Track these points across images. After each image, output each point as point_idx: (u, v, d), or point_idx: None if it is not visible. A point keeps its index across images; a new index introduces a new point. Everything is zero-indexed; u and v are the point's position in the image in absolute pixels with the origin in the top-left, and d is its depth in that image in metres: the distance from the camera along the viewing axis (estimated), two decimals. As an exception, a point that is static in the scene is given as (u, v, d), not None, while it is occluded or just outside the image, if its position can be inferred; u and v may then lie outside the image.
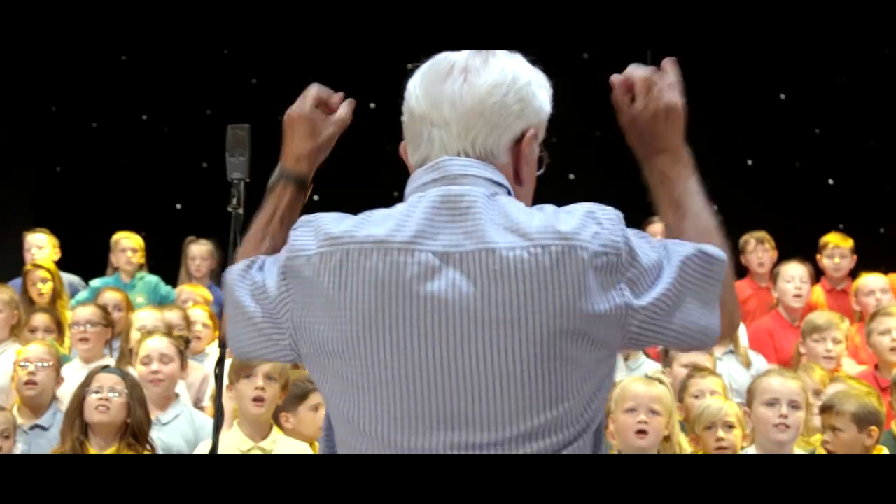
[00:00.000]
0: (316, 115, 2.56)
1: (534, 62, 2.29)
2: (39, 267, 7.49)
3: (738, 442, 4.73)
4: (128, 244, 8.13)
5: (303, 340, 2.15)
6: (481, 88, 2.18)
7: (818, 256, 7.82)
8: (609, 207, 2.16)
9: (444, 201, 2.12)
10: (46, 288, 7.34)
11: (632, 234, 2.14)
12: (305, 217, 2.25)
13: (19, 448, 5.25)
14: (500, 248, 2.05)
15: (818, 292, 7.67)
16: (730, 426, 4.72)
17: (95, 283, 8.00)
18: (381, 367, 2.08)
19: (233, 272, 2.27)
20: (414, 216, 2.12)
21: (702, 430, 4.71)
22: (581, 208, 2.13)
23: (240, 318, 2.24)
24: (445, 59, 2.26)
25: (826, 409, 4.80)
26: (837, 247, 7.77)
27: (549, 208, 2.13)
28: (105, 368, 5.10)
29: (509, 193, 2.18)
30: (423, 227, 2.09)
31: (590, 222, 2.09)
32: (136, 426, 4.88)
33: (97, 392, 4.86)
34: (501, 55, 2.25)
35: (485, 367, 2.05)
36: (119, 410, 4.87)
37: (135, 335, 6.10)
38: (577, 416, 2.08)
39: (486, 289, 2.05)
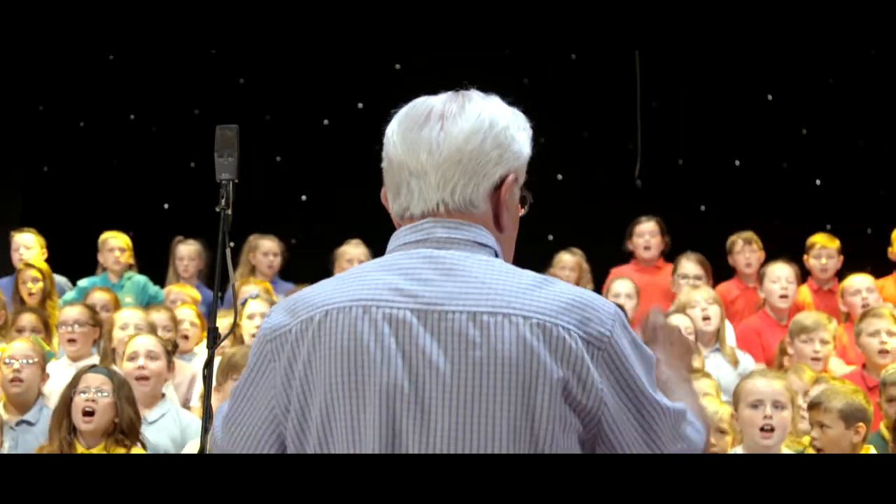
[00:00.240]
0: None
1: (511, 104, 2.27)
2: (31, 266, 7.49)
3: (728, 448, 4.75)
4: (115, 243, 8.11)
5: (289, 410, 2.13)
6: (458, 136, 2.15)
7: (805, 257, 7.84)
8: (609, 302, 2.14)
9: (428, 261, 2.12)
10: (36, 287, 7.34)
11: (626, 337, 2.11)
12: (274, 305, 2.25)
13: (6, 444, 5.25)
14: (480, 313, 2.05)
15: (805, 292, 7.70)
16: (722, 432, 4.74)
17: (83, 282, 7.99)
18: (355, 424, 2.07)
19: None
20: (395, 273, 2.12)
21: None
22: (577, 291, 2.11)
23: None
24: (423, 103, 2.22)
25: (814, 406, 4.82)
26: (824, 247, 7.80)
27: (541, 279, 2.11)
28: (92, 368, 5.09)
29: (497, 255, 2.18)
30: (403, 285, 2.09)
31: (582, 307, 2.08)
32: (124, 424, 4.87)
33: (84, 392, 4.86)
34: (478, 98, 2.21)
35: (453, 432, 2.04)
36: (106, 410, 4.86)
37: (117, 334, 6.09)
38: None
39: (461, 352, 2.04)
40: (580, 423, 2.06)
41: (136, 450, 4.92)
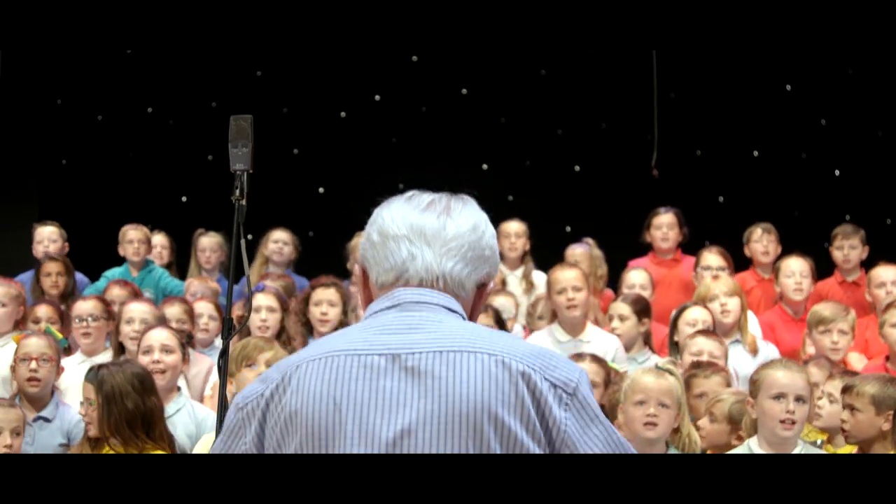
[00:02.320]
0: None
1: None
2: (55, 260, 7.51)
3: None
4: (134, 235, 8.14)
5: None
6: (463, 225, 2.32)
7: (830, 248, 7.80)
8: (575, 364, 2.25)
9: (397, 320, 2.25)
10: (61, 282, 7.37)
11: (591, 393, 2.22)
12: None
13: (24, 440, 5.22)
14: (446, 351, 2.17)
15: (831, 284, 7.66)
16: (735, 424, 4.76)
17: (108, 273, 8.03)
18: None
19: None
20: (365, 332, 2.25)
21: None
22: (545, 347, 2.26)
23: None
24: (422, 194, 2.38)
25: (847, 389, 4.80)
26: (848, 237, 7.76)
27: (508, 333, 2.26)
28: (87, 374, 4.96)
29: (464, 319, 2.29)
30: (373, 338, 2.23)
31: (549, 356, 2.21)
32: (146, 415, 4.75)
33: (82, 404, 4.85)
34: (474, 203, 2.39)
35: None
36: (96, 421, 4.75)
37: (125, 328, 6.07)
38: None
39: (429, 385, 2.15)
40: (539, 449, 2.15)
41: (153, 448, 4.81)
